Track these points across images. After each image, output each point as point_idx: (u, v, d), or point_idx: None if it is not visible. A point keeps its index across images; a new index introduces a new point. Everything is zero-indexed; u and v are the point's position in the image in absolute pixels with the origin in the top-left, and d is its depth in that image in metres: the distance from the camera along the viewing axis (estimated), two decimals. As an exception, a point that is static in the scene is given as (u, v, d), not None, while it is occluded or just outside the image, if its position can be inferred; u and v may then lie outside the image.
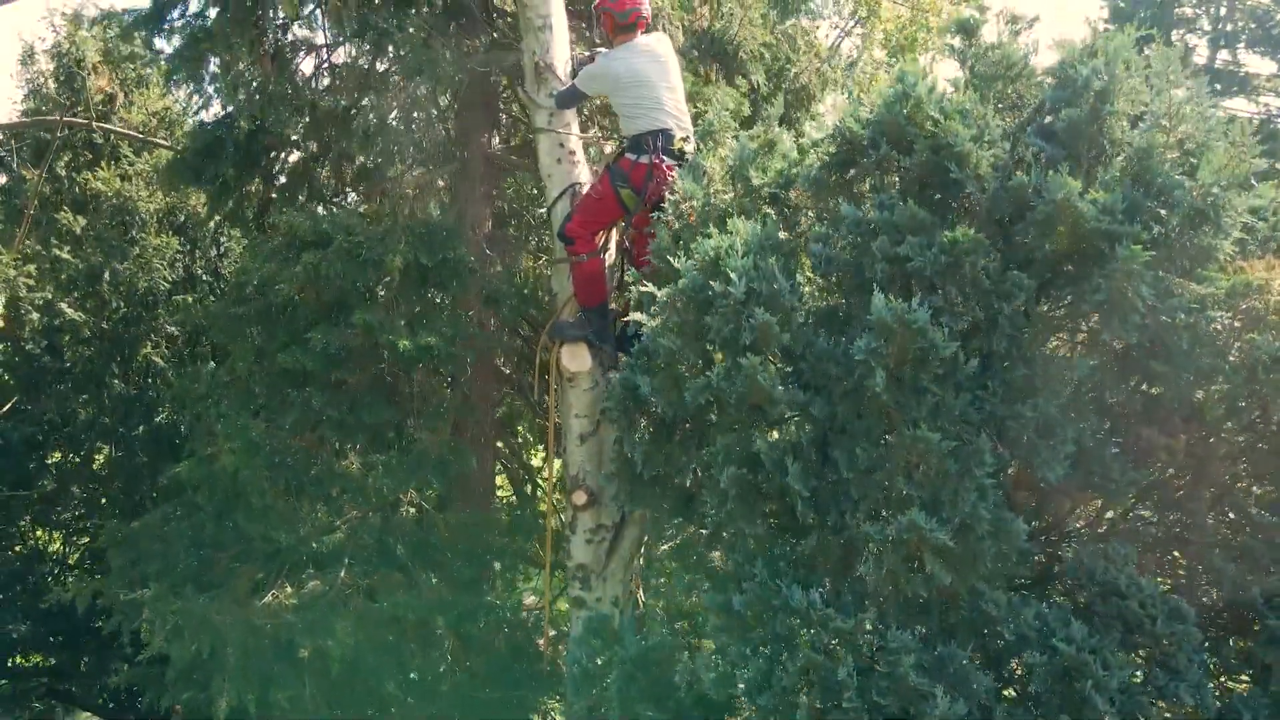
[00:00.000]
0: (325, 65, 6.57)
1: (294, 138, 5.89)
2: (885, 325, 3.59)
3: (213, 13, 5.96)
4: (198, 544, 6.09)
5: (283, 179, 7.38)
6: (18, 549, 10.07)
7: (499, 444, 8.12)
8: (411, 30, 5.54)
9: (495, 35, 6.45)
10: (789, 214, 4.68)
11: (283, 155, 6.59)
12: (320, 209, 7.84)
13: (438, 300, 5.99)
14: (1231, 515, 4.01)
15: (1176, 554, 4.09)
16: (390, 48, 5.95)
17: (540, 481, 8.98)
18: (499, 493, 9.64)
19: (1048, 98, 4.22)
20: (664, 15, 6.58)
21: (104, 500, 10.00)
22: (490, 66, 6.13)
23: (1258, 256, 4.24)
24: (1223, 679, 3.89)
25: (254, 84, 5.51)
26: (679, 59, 6.95)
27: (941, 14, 13.95)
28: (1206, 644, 3.87)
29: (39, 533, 10.58)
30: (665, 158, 5.20)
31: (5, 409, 8.79)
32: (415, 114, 5.91)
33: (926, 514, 3.48)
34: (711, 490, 3.82)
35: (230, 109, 5.82)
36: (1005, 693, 3.74)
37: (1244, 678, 3.84)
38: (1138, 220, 3.68)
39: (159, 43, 5.93)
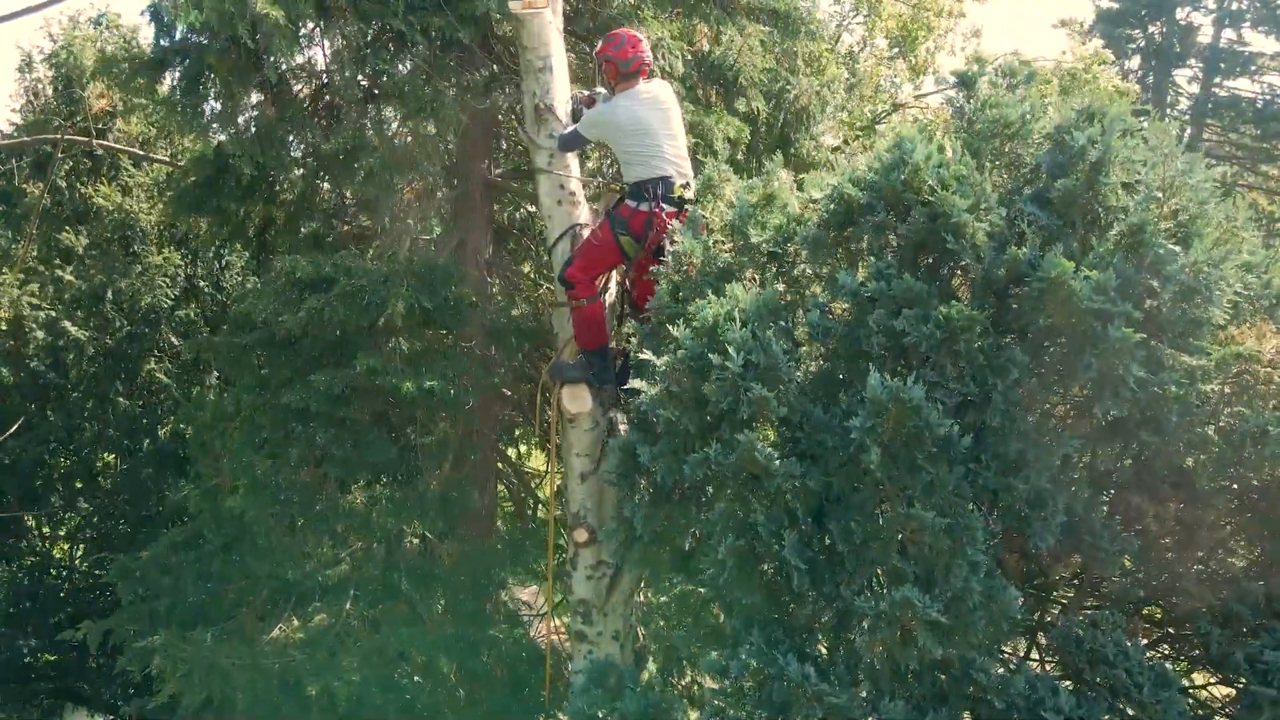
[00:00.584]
0: (325, 90, 6.57)
1: (294, 174, 5.91)
2: (880, 403, 3.66)
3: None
4: (205, 576, 6.21)
5: (286, 195, 7.41)
6: (27, 560, 10.20)
7: (499, 465, 8.21)
8: (410, 71, 5.56)
9: (495, 67, 6.45)
10: (788, 268, 4.74)
11: (284, 178, 6.57)
12: (321, 228, 7.91)
13: (440, 335, 6.04)
14: (1218, 578, 4.10)
15: (1163, 615, 4.18)
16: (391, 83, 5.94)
17: (542, 497, 9.08)
18: (500, 503, 9.79)
19: (1044, 162, 4.26)
20: (663, 45, 6.57)
21: (110, 506, 10.12)
22: (490, 103, 6.15)
23: (1250, 314, 4.30)
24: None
25: (253, 124, 5.52)
26: (679, 86, 6.97)
27: (943, 12, 13.90)
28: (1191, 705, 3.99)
29: (45, 534, 10.68)
30: (665, 205, 5.24)
31: (14, 428, 8.87)
32: (415, 152, 5.93)
33: (919, 589, 3.57)
34: (710, 558, 3.91)
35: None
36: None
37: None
38: (1130, 297, 3.74)
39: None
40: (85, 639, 6.29)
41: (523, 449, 10.00)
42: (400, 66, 5.74)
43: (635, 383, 4.19)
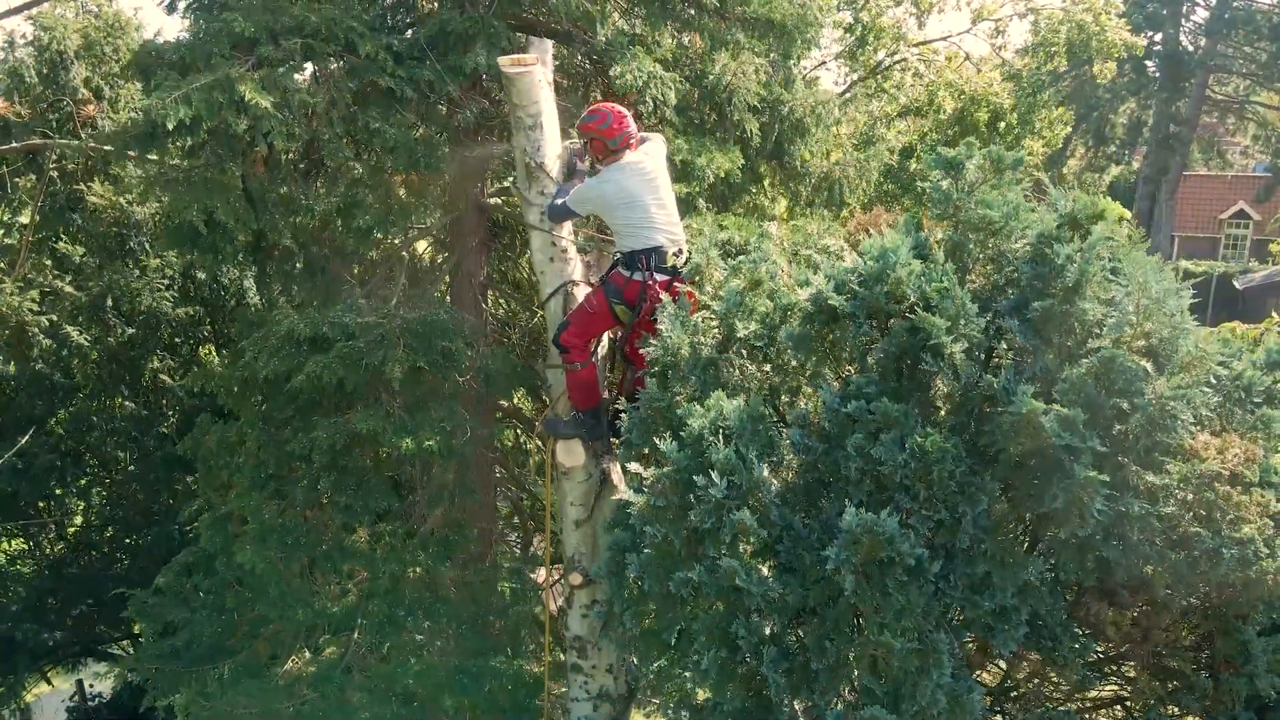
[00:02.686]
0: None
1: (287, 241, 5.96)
2: (855, 535, 3.85)
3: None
4: (219, 608, 6.52)
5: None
6: (46, 554, 10.57)
7: (498, 472, 8.47)
8: (397, 129, 5.55)
9: (485, 104, 6.41)
10: (774, 357, 4.86)
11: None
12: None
13: (437, 381, 6.19)
14: (1169, 671, 4.37)
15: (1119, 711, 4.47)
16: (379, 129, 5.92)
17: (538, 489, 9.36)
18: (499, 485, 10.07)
19: (1024, 273, 4.34)
20: (654, 78, 6.49)
21: (122, 498, 10.43)
22: (480, 146, 6.15)
23: (1215, 416, 4.44)
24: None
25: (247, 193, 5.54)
26: (673, 115, 6.92)
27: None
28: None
29: (62, 529, 11.02)
30: (658, 275, 5.31)
31: (26, 436, 9.06)
32: (409, 201, 5.96)
33: (887, 708, 3.85)
34: (695, 667, 4.18)
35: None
36: None
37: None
38: (1098, 425, 3.90)
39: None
40: (104, 591, 6.59)
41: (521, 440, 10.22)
42: (389, 122, 5.70)
43: (625, 493, 4.37)
